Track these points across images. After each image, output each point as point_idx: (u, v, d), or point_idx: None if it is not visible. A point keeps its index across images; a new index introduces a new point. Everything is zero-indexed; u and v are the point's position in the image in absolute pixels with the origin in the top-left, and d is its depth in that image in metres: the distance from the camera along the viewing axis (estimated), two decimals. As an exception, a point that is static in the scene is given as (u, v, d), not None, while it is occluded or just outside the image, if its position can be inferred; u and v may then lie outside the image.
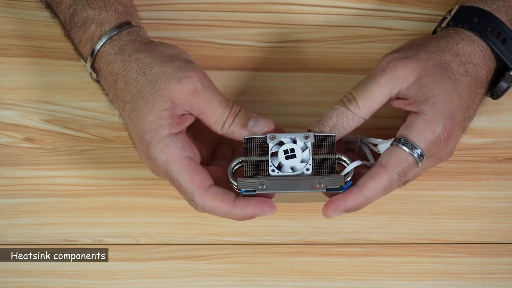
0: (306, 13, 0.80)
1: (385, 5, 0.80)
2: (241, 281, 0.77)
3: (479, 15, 0.71)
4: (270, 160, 0.68)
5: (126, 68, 0.69)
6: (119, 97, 0.69)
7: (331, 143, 0.68)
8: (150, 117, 0.67)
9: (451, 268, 0.77)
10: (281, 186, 0.67)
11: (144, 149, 0.68)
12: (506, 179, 0.78)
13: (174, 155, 0.67)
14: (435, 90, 0.67)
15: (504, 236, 0.78)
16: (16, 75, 0.79)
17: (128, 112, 0.68)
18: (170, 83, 0.67)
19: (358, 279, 0.77)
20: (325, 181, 0.67)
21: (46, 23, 0.79)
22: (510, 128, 0.79)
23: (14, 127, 0.78)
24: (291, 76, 0.79)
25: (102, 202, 0.78)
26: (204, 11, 0.80)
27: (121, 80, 0.69)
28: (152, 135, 0.67)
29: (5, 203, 0.78)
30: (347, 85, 0.79)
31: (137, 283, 0.77)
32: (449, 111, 0.67)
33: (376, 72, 0.69)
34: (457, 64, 0.69)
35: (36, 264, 0.77)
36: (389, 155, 0.67)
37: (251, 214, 0.67)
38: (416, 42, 0.71)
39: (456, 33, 0.71)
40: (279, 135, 0.68)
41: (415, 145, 0.67)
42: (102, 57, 0.70)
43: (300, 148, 0.68)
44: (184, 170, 0.67)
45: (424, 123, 0.67)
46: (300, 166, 0.68)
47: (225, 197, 0.67)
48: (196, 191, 0.67)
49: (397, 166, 0.67)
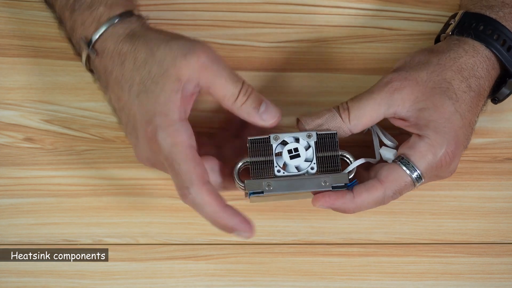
0: (306, 13, 0.80)
1: (385, 5, 0.80)
2: (241, 281, 0.77)
3: (485, 22, 0.70)
4: (275, 161, 0.69)
5: (135, 49, 0.68)
6: (125, 77, 0.69)
7: (334, 140, 0.69)
8: (161, 99, 0.66)
9: (451, 268, 0.77)
10: (288, 187, 0.68)
11: (149, 130, 0.67)
12: (506, 179, 0.78)
13: (182, 141, 0.66)
14: (434, 114, 0.68)
15: (504, 236, 0.78)
16: (16, 75, 0.79)
17: (136, 93, 0.68)
18: (176, 60, 0.67)
19: (358, 279, 0.77)
20: (330, 179, 0.68)
21: (46, 23, 0.79)
22: (510, 128, 0.79)
23: (14, 127, 0.78)
24: (291, 76, 0.79)
25: (102, 202, 0.78)
26: (204, 11, 0.80)
27: (130, 61, 0.69)
28: (163, 119, 0.66)
29: (5, 203, 0.78)
30: (347, 85, 0.79)
31: (137, 283, 0.77)
32: (451, 134, 0.68)
33: (374, 89, 0.70)
34: (459, 80, 0.69)
35: (36, 264, 0.77)
36: (389, 172, 0.68)
37: (234, 226, 0.66)
38: (417, 59, 0.71)
39: (460, 45, 0.70)
40: (282, 134, 0.69)
41: (415, 167, 0.68)
42: (111, 37, 0.69)
43: (304, 147, 0.69)
44: (189, 158, 0.66)
45: (426, 147, 0.68)
46: (305, 165, 0.69)
47: (218, 197, 0.66)
48: (195, 181, 0.66)
49: (394, 185, 0.68)
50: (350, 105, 0.69)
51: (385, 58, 0.80)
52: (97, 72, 0.72)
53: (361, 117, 0.69)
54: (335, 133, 0.69)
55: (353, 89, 0.79)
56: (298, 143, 0.69)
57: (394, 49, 0.80)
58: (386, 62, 0.80)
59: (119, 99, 0.70)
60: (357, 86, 0.79)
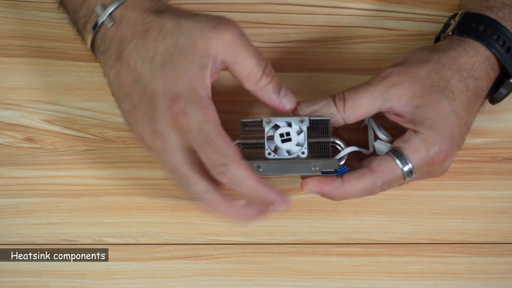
0: (306, 13, 0.80)
1: (385, 5, 0.80)
2: (241, 281, 0.77)
3: (485, 23, 0.71)
4: (266, 144, 0.69)
5: (161, 18, 0.67)
6: (148, 46, 0.66)
7: (326, 126, 0.69)
8: (190, 74, 0.65)
9: (451, 268, 0.77)
10: (278, 170, 0.68)
11: (179, 105, 0.64)
12: (506, 179, 0.78)
13: (213, 118, 0.65)
14: (430, 112, 0.68)
15: (504, 236, 0.78)
16: (17, 75, 0.79)
17: (159, 64, 0.65)
18: (205, 32, 0.65)
19: (358, 279, 0.77)
20: (320, 164, 0.68)
21: (46, 23, 0.79)
22: (510, 128, 0.79)
23: (15, 127, 0.79)
24: (291, 76, 0.79)
25: (102, 202, 0.78)
26: (204, 11, 0.80)
27: (154, 30, 0.66)
28: (192, 93, 0.64)
29: (5, 203, 0.78)
30: (347, 85, 0.79)
31: (137, 283, 0.77)
32: (446, 133, 0.68)
33: (372, 81, 0.70)
34: (458, 80, 0.69)
35: (36, 264, 0.77)
36: (380, 162, 0.69)
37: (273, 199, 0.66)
38: (418, 55, 0.71)
39: (460, 45, 0.71)
40: (275, 118, 0.70)
41: (407, 161, 0.68)
42: (134, 6, 0.68)
43: (296, 131, 0.69)
44: (222, 134, 0.65)
45: (420, 142, 0.68)
46: (296, 149, 0.69)
47: (255, 173, 0.66)
48: (233, 157, 0.64)
49: (384, 175, 0.68)
50: (346, 95, 0.70)
51: (385, 58, 0.80)
52: (107, 43, 0.69)
53: (356, 108, 0.69)
54: (328, 119, 0.69)
55: (353, 89, 0.79)
56: (291, 127, 0.69)
57: (394, 49, 0.80)
58: (386, 62, 0.80)
59: (134, 70, 0.67)
60: (357, 86, 0.80)
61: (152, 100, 0.66)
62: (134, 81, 0.67)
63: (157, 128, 0.66)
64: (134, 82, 0.67)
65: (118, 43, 0.68)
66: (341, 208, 0.77)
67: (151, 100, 0.66)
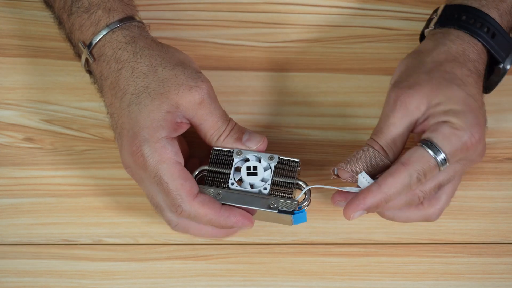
0: (306, 13, 0.80)
1: (385, 5, 0.80)
2: (241, 281, 0.77)
3: (467, 12, 0.71)
4: (232, 173, 0.71)
5: (136, 60, 0.69)
6: (120, 85, 0.69)
7: (293, 168, 0.70)
8: (154, 115, 0.67)
9: (451, 268, 0.77)
10: (237, 200, 0.70)
11: (136, 144, 0.67)
12: (506, 179, 0.78)
13: (168, 158, 0.67)
14: (450, 104, 0.67)
15: (504, 236, 0.78)
16: (16, 75, 0.79)
17: (127, 103, 0.69)
18: (180, 88, 0.68)
19: (358, 279, 0.77)
20: (279, 202, 0.69)
21: (46, 23, 0.79)
22: (510, 128, 0.79)
23: (14, 127, 0.78)
24: (291, 76, 0.79)
25: (102, 202, 0.78)
26: (204, 11, 0.80)
27: (127, 69, 0.69)
28: (151, 133, 0.67)
29: (5, 203, 0.78)
30: (347, 85, 0.79)
31: (137, 283, 0.77)
32: (471, 117, 0.67)
33: (388, 112, 0.69)
34: (459, 67, 0.69)
35: (36, 264, 0.77)
36: (411, 153, 0.67)
37: (234, 224, 0.69)
38: (410, 64, 0.71)
39: (445, 37, 0.71)
40: (246, 152, 0.71)
41: (439, 149, 0.67)
42: (110, 43, 0.70)
43: (263, 167, 0.71)
44: (176, 175, 0.67)
45: (450, 130, 0.67)
46: (259, 184, 0.71)
47: (211, 205, 0.69)
48: (185, 197, 0.68)
49: (417, 165, 0.67)
50: (381, 142, 0.68)
51: (385, 58, 0.80)
52: (94, 75, 0.73)
53: (394, 146, 0.68)
54: (298, 161, 0.70)
55: (353, 89, 0.79)
56: (259, 162, 0.70)
57: (394, 49, 0.80)
58: (386, 62, 0.80)
59: (111, 104, 0.70)
60: (357, 86, 0.79)
61: (120, 135, 0.70)
62: (112, 114, 0.71)
63: (124, 161, 0.70)
64: (112, 115, 0.71)
65: (100, 78, 0.71)
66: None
67: (120, 134, 0.70)
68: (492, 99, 0.76)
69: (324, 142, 0.79)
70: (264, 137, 0.71)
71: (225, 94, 0.78)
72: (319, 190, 0.75)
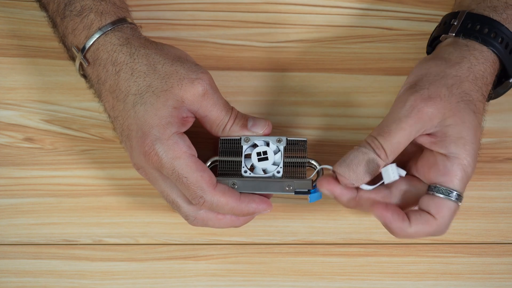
0: (306, 13, 0.80)
1: (385, 5, 0.80)
2: (241, 281, 0.77)
3: (489, 25, 0.70)
4: (243, 161, 0.71)
5: (134, 60, 0.69)
6: (120, 87, 0.69)
7: (303, 147, 0.71)
8: (161, 112, 0.68)
9: (451, 268, 0.77)
10: (252, 187, 0.71)
11: (148, 144, 0.67)
12: (506, 179, 0.78)
13: (183, 153, 0.68)
14: (464, 131, 0.67)
15: (504, 236, 0.78)
16: (16, 75, 0.79)
17: (131, 104, 0.69)
18: (183, 82, 0.68)
19: (358, 279, 0.77)
20: (294, 184, 0.70)
21: (46, 23, 0.79)
22: (510, 128, 0.79)
23: (14, 127, 0.78)
24: (291, 76, 0.79)
25: (102, 202, 0.78)
26: (204, 11, 0.80)
27: (126, 71, 0.69)
28: (161, 131, 0.67)
29: (5, 203, 0.78)
30: (347, 85, 0.79)
31: (137, 283, 0.77)
32: (475, 146, 0.67)
33: (401, 117, 0.67)
34: (476, 91, 0.69)
35: (36, 264, 0.77)
36: (438, 208, 0.67)
37: (255, 210, 0.70)
38: (433, 71, 0.69)
39: (470, 52, 0.70)
40: (253, 137, 0.71)
41: (457, 192, 0.67)
42: (104, 46, 0.70)
43: (273, 151, 0.71)
44: (194, 168, 0.68)
45: (459, 169, 0.67)
46: (272, 168, 0.71)
47: (231, 193, 0.69)
48: (207, 188, 0.68)
49: (447, 218, 0.67)
50: (382, 142, 0.67)
51: (385, 58, 0.80)
52: (90, 80, 0.73)
53: (396, 149, 0.68)
54: (305, 140, 0.71)
55: (353, 89, 0.79)
56: (268, 147, 0.71)
57: (394, 49, 0.80)
58: (386, 62, 0.80)
59: (113, 108, 0.70)
60: (357, 86, 0.79)
61: (128, 137, 0.69)
62: (115, 118, 0.70)
63: (136, 162, 0.70)
64: (115, 118, 0.70)
65: (97, 82, 0.71)
66: (341, 209, 0.77)
67: (128, 136, 0.69)
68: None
69: (324, 142, 0.79)
70: (268, 120, 0.72)
71: (225, 94, 0.77)
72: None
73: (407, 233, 0.67)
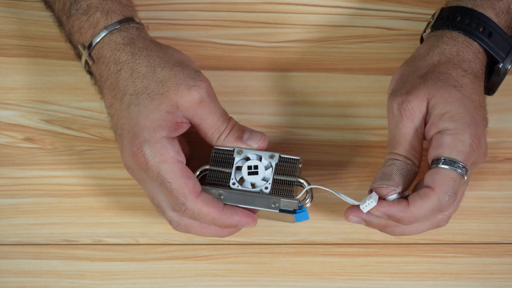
0: (306, 13, 0.80)
1: (385, 5, 0.80)
2: (241, 281, 0.77)
3: (462, 13, 0.71)
4: (233, 173, 0.71)
5: (135, 61, 0.69)
6: (119, 86, 0.69)
7: (295, 166, 0.70)
8: (154, 115, 0.68)
9: (451, 268, 0.77)
10: (238, 200, 0.70)
11: (136, 145, 0.68)
12: (506, 179, 0.78)
13: (170, 158, 0.68)
14: (446, 105, 0.67)
15: (504, 236, 0.78)
16: (16, 75, 0.79)
17: (126, 104, 0.69)
18: (179, 88, 0.68)
19: (358, 279, 0.77)
20: (280, 202, 0.70)
21: (46, 23, 0.79)
22: (510, 128, 0.79)
23: (14, 127, 0.78)
24: (291, 76, 0.79)
25: (102, 202, 0.78)
26: (204, 11, 0.80)
27: (126, 71, 0.69)
28: (151, 134, 0.67)
29: (5, 203, 0.78)
30: (347, 85, 0.79)
31: (137, 283, 0.77)
32: (469, 118, 0.67)
33: (397, 124, 0.69)
34: (453, 68, 0.69)
35: (36, 264, 0.77)
36: (433, 177, 0.67)
37: (237, 223, 0.70)
38: (406, 71, 0.71)
39: (438, 39, 0.71)
40: (247, 150, 0.71)
41: (454, 161, 0.66)
42: (109, 44, 0.70)
43: (264, 166, 0.71)
44: (178, 174, 0.68)
45: (452, 138, 0.67)
46: (261, 183, 0.71)
47: (214, 204, 0.69)
48: (189, 196, 0.68)
49: (446, 187, 0.66)
50: (403, 153, 0.68)
51: (385, 58, 0.80)
52: (94, 77, 0.73)
53: (417, 152, 0.68)
54: (298, 159, 0.70)
55: (353, 89, 0.79)
56: (260, 161, 0.71)
57: (394, 49, 0.80)
58: (386, 62, 0.80)
59: (111, 106, 0.71)
60: (357, 86, 0.79)
61: (121, 136, 0.70)
62: (112, 116, 0.71)
63: (126, 162, 0.70)
64: (112, 116, 0.71)
65: (99, 80, 0.71)
66: (341, 209, 0.77)
67: (120, 135, 0.70)
68: (492, 99, 0.76)
69: (324, 142, 0.79)
70: (265, 135, 0.71)
71: (225, 94, 0.78)
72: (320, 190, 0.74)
73: (410, 213, 0.67)
